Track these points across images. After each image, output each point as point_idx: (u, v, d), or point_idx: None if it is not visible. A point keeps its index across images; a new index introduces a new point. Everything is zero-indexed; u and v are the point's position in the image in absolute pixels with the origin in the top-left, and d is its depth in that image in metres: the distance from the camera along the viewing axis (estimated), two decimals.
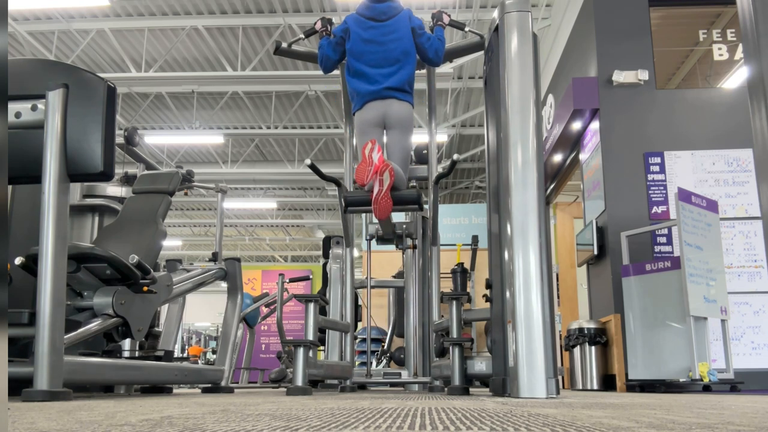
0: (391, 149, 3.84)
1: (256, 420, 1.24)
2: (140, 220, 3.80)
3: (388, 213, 3.44)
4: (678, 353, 4.89)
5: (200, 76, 9.90)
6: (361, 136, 3.85)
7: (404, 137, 3.81)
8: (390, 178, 3.39)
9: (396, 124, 3.80)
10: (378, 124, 3.82)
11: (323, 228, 18.92)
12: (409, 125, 3.84)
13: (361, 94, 3.84)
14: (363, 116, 3.83)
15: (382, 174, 3.38)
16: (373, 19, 3.84)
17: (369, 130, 3.81)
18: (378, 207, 3.40)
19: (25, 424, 1.14)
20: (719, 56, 6.36)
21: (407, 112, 3.83)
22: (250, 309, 7.57)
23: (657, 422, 1.20)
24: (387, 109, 3.79)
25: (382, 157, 3.43)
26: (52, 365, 2.26)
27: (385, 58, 3.82)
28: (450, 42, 4.23)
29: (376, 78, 3.80)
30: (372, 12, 3.86)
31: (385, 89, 3.80)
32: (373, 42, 3.82)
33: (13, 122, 2.46)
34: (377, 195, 3.39)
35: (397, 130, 3.81)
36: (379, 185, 3.38)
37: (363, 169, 3.41)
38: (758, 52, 2.00)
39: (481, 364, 3.38)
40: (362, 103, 3.86)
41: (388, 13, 3.85)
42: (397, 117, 3.79)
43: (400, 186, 3.61)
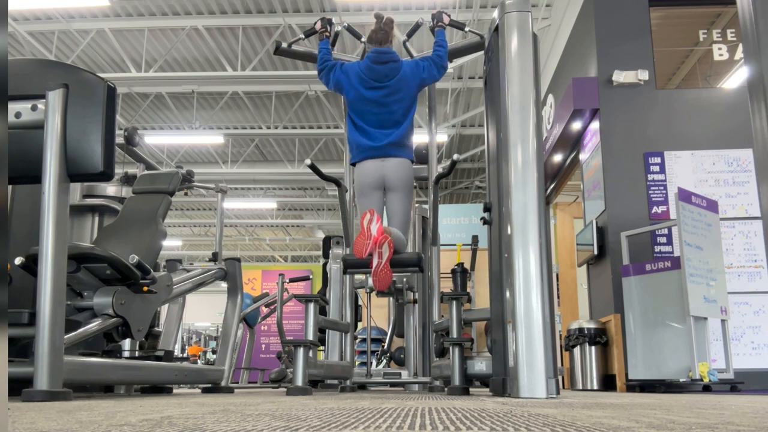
0: (391, 212, 3.82)
1: (256, 420, 1.24)
2: (140, 220, 3.80)
3: (388, 284, 3.45)
4: (678, 353, 4.89)
5: (200, 76, 9.90)
6: (360, 197, 3.83)
7: (404, 199, 3.78)
8: (389, 251, 3.38)
9: (395, 186, 3.76)
10: (377, 186, 3.78)
11: (323, 228, 18.92)
12: (409, 186, 3.81)
13: (361, 148, 3.81)
14: (362, 178, 3.79)
15: (381, 246, 3.37)
16: (375, 80, 3.79)
17: (368, 192, 3.78)
18: (377, 279, 3.40)
19: (25, 424, 1.14)
20: (719, 56, 6.36)
21: (406, 172, 3.79)
22: (250, 309, 7.57)
23: (657, 422, 1.20)
24: (386, 171, 3.74)
25: (381, 228, 3.40)
26: (52, 365, 2.26)
27: (388, 119, 3.79)
28: (450, 42, 4.22)
29: (377, 136, 3.78)
30: (374, 74, 3.79)
31: (386, 146, 3.77)
32: (375, 102, 3.79)
33: (13, 122, 2.46)
34: (377, 267, 3.38)
35: (396, 193, 3.77)
36: (378, 257, 3.37)
37: (361, 242, 3.39)
38: (758, 52, 2.00)
39: (481, 364, 3.38)
40: (361, 158, 3.82)
41: (391, 75, 3.79)
42: (396, 179, 3.76)
43: (399, 249, 3.61)
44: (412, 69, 3.83)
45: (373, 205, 3.77)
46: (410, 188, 3.83)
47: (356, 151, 3.85)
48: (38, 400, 2.19)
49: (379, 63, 3.78)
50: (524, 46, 3.08)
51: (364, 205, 3.79)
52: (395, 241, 3.51)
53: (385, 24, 3.86)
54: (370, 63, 3.79)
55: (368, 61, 3.80)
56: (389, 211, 3.84)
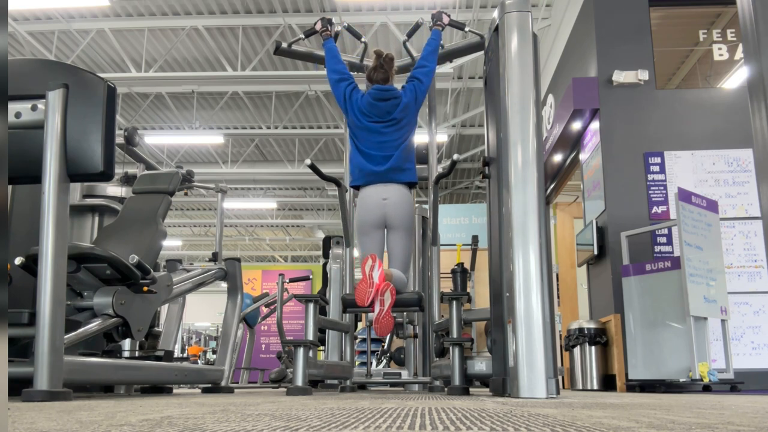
0: (392, 251, 3.80)
1: (256, 420, 1.24)
2: (140, 220, 3.80)
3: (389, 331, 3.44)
4: (678, 353, 4.89)
5: (200, 76, 9.90)
6: (361, 236, 3.80)
7: (406, 238, 3.76)
8: (391, 298, 3.36)
9: (397, 225, 3.74)
10: (379, 226, 3.76)
11: (323, 228, 18.92)
12: (411, 223, 3.79)
13: (363, 172, 3.80)
14: (363, 215, 3.77)
15: (383, 294, 3.36)
16: (377, 116, 3.79)
17: (370, 231, 3.76)
18: (379, 326, 3.38)
19: (25, 424, 1.14)
20: (719, 56, 6.36)
21: (408, 209, 3.77)
22: (250, 309, 7.57)
23: (657, 422, 1.20)
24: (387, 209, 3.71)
25: (383, 274, 3.38)
26: (52, 365, 2.26)
27: (388, 146, 3.79)
28: (450, 42, 4.22)
29: (379, 160, 3.77)
30: (376, 110, 3.79)
31: (388, 171, 3.76)
32: (377, 132, 3.79)
33: (13, 122, 2.46)
34: (378, 315, 3.37)
35: (398, 231, 3.75)
36: (381, 305, 3.36)
37: (363, 289, 3.37)
38: (758, 52, 2.00)
39: (481, 364, 3.38)
40: (363, 182, 3.80)
41: (392, 111, 3.79)
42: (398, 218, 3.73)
43: (401, 289, 3.60)
44: (410, 98, 3.82)
45: (375, 246, 3.74)
46: (412, 226, 3.80)
47: (358, 174, 3.83)
48: (38, 400, 2.19)
49: (380, 100, 3.79)
50: (524, 46, 3.08)
51: (366, 245, 3.75)
52: (397, 284, 3.50)
53: (385, 62, 3.87)
54: (372, 100, 3.79)
55: (370, 98, 3.80)
56: (390, 250, 3.81)
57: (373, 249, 3.73)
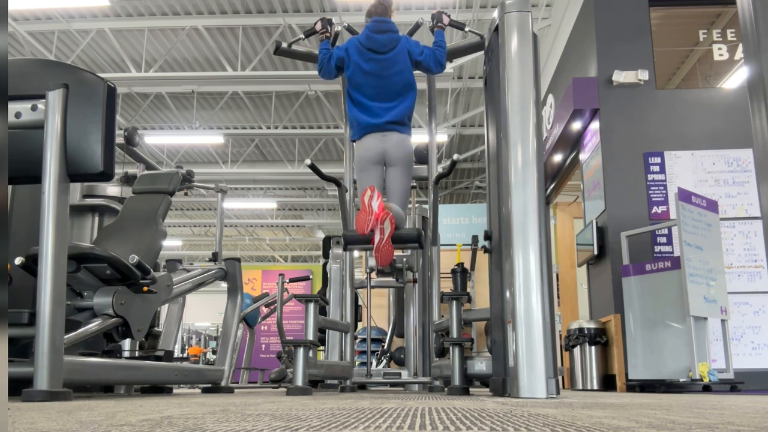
0: (390, 187, 3.83)
1: (256, 420, 1.24)
2: (140, 220, 3.80)
3: (390, 259, 3.46)
4: (678, 353, 4.89)
5: (200, 76, 9.90)
6: (360, 173, 3.84)
7: (404, 175, 3.80)
8: (391, 227, 3.39)
9: (396, 161, 3.79)
10: (378, 162, 3.80)
11: (323, 228, 18.92)
12: (409, 162, 3.83)
13: (361, 126, 3.82)
14: (362, 153, 3.81)
15: (382, 222, 3.38)
16: (373, 51, 3.80)
17: (369, 167, 3.80)
18: (380, 255, 3.41)
19: (25, 424, 1.14)
20: (719, 56, 6.36)
21: (407, 147, 3.82)
22: (250, 309, 7.57)
23: (657, 422, 1.20)
24: (386, 145, 3.77)
25: (382, 204, 3.41)
26: (52, 365, 2.26)
27: (387, 91, 3.80)
28: (450, 42, 4.22)
29: (376, 111, 3.79)
30: (373, 44, 3.80)
31: (387, 123, 3.79)
32: (373, 75, 3.80)
33: (13, 122, 2.46)
34: (379, 243, 3.39)
35: (397, 168, 3.79)
36: (381, 234, 3.38)
37: (363, 218, 3.41)
38: (758, 52, 2.00)
39: (481, 364, 3.38)
40: (361, 135, 3.84)
41: (389, 45, 3.80)
42: (396, 153, 3.78)
43: (399, 224, 3.62)
44: (412, 46, 3.86)
45: (373, 180, 3.79)
46: (410, 164, 3.85)
47: (357, 128, 3.86)
48: (38, 400, 2.19)
49: (378, 32, 3.80)
50: (524, 46, 3.08)
51: (364, 180, 3.80)
52: (396, 217, 3.52)
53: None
54: (370, 33, 3.82)
55: (367, 31, 3.83)
56: (389, 187, 3.86)
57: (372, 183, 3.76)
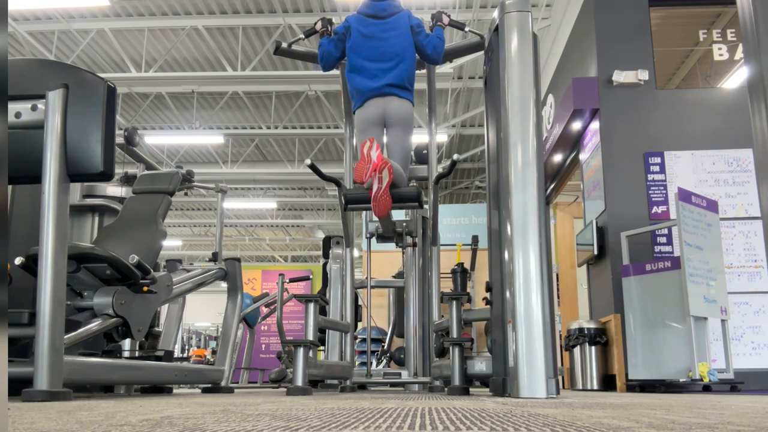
0: (391, 148, 3.84)
1: (256, 420, 1.24)
2: (140, 220, 3.80)
3: (388, 210, 3.45)
4: (678, 353, 4.89)
5: (200, 76, 9.90)
6: (360, 134, 3.85)
7: (404, 136, 3.81)
8: (389, 176, 3.39)
9: (396, 122, 3.79)
10: (378, 122, 3.81)
11: (323, 228, 18.92)
12: (410, 123, 3.84)
13: (361, 92, 3.84)
14: (363, 114, 3.83)
15: (380, 171, 3.38)
16: (373, 17, 3.87)
17: (369, 128, 3.81)
18: (377, 204, 3.40)
19: (25, 424, 1.14)
20: (719, 56, 6.36)
21: (407, 109, 3.83)
22: (250, 309, 7.57)
23: (657, 422, 1.20)
24: (387, 106, 3.80)
25: (381, 154, 3.43)
26: (52, 365, 2.26)
27: (385, 52, 3.83)
28: (450, 42, 4.23)
29: (375, 73, 3.80)
30: (372, 9, 3.88)
31: (386, 86, 3.80)
32: (372, 37, 3.84)
33: (13, 122, 2.46)
34: (376, 192, 3.39)
35: (397, 129, 3.81)
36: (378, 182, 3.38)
37: (362, 167, 3.41)
38: (758, 52, 2.00)
39: (481, 364, 3.38)
40: (362, 101, 3.86)
41: (389, 11, 3.88)
42: (397, 115, 3.79)
43: (399, 183, 3.61)
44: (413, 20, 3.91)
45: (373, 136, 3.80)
46: (410, 125, 3.85)
47: (357, 96, 3.88)
48: (38, 400, 2.19)
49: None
50: (524, 46, 3.08)
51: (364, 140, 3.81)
52: (395, 172, 3.52)
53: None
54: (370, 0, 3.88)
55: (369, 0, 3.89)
56: (389, 147, 3.87)
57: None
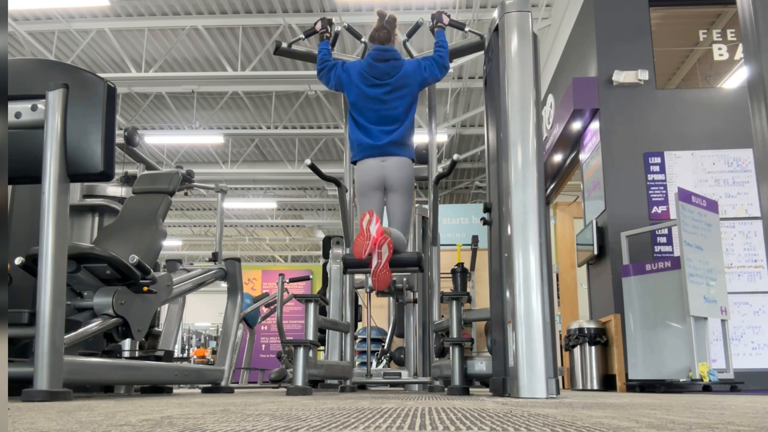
0: (391, 213, 3.80)
1: (256, 420, 1.24)
2: (140, 220, 3.80)
3: (387, 285, 3.44)
4: (678, 353, 4.89)
5: (200, 76, 9.90)
6: (360, 198, 3.81)
7: (405, 200, 3.76)
8: (388, 251, 3.37)
9: (396, 187, 3.74)
10: (378, 187, 3.76)
11: (323, 228, 18.92)
12: (410, 186, 3.79)
13: (362, 147, 3.79)
14: (362, 178, 3.77)
15: (380, 247, 3.36)
16: (376, 78, 3.78)
17: (369, 193, 3.76)
18: (377, 279, 3.38)
19: (25, 424, 1.14)
20: (719, 56, 6.36)
21: (407, 172, 3.77)
22: (250, 309, 7.57)
23: (657, 422, 1.20)
24: (386, 171, 3.72)
25: (381, 228, 3.38)
26: (52, 365, 2.26)
27: (388, 116, 3.77)
28: (450, 42, 4.23)
29: (377, 134, 3.76)
30: (376, 72, 3.78)
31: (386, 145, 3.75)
32: (375, 100, 3.77)
33: (13, 122, 2.46)
34: (376, 268, 3.37)
35: (397, 193, 3.75)
36: (378, 258, 3.36)
37: (361, 242, 3.38)
38: (758, 52, 2.00)
39: (481, 364, 3.38)
40: (361, 156, 3.80)
41: (392, 73, 3.77)
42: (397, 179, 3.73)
43: (400, 249, 3.60)
44: (414, 68, 3.81)
45: (373, 205, 3.75)
46: (411, 188, 3.82)
47: (357, 149, 3.83)
48: (38, 400, 2.19)
49: (380, 60, 3.77)
50: (524, 46, 3.08)
51: (364, 205, 3.77)
52: (395, 242, 3.50)
53: (387, 22, 3.85)
54: (372, 61, 3.78)
55: (370, 59, 3.79)
56: (390, 212, 3.83)
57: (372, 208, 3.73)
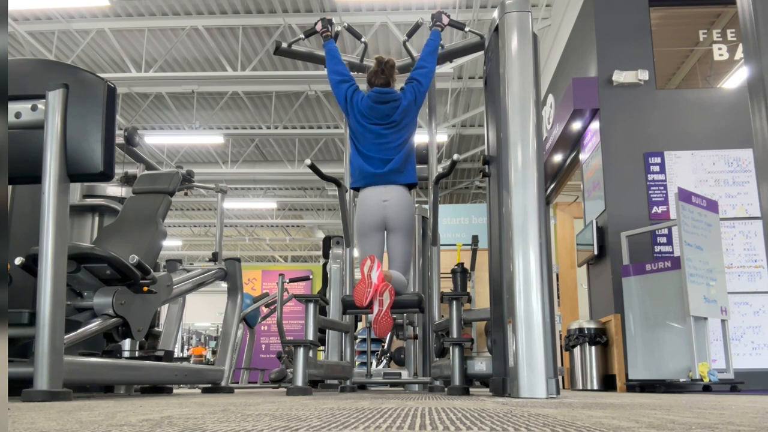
0: (392, 253, 3.77)
1: (256, 420, 1.24)
2: (140, 220, 3.80)
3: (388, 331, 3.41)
4: (678, 353, 4.89)
5: (200, 76, 9.90)
6: (361, 238, 3.78)
7: (406, 240, 3.74)
8: (390, 298, 3.34)
9: (397, 227, 3.72)
10: (378, 228, 3.73)
11: (323, 228, 18.91)
12: (411, 226, 3.77)
13: (363, 174, 3.78)
14: (363, 218, 3.75)
15: (381, 294, 3.34)
16: (377, 119, 3.79)
17: (369, 233, 3.74)
18: (378, 327, 3.35)
19: (25, 424, 1.14)
20: (719, 56, 6.36)
21: (408, 211, 3.75)
22: (250, 309, 7.57)
23: (657, 422, 1.20)
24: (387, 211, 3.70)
25: (382, 275, 3.36)
26: (52, 365, 2.26)
27: (388, 148, 3.78)
28: (450, 42, 4.23)
29: (378, 163, 3.76)
30: (376, 113, 3.79)
31: (388, 173, 3.75)
32: (377, 134, 3.78)
33: (13, 122, 2.46)
34: (377, 315, 3.34)
35: (398, 233, 3.73)
36: (379, 305, 3.34)
37: (362, 290, 3.35)
38: (758, 52, 2.00)
39: (481, 364, 3.38)
40: (363, 184, 3.79)
41: (392, 113, 3.78)
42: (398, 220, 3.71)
43: (401, 290, 3.58)
44: (409, 101, 3.82)
45: (374, 248, 3.72)
46: (412, 228, 3.79)
47: (358, 176, 3.81)
48: (38, 400, 2.19)
49: (380, 103, 3.79)
50: (524, 46, 3.08)
51: (365, 246, 3.73)
52: (396, 285, 3.49)
53: (386, 67, 3.85)
54: (372, 103, 3.79)
55: (370, 101, 3.79)
56: (390, 252, 3.79)
57: (373, 250, 3.71)
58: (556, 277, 8.90)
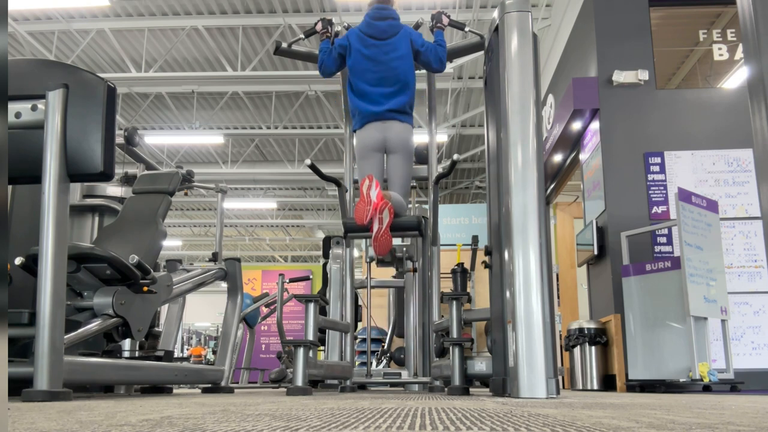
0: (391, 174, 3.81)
1: (256, 420, 1.24)
2: (140, 220, 3.80)
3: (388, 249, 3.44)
4: (678, 353, 4.89)
5: (200, 76, 9.90)
6: (360, 161, 3.82)
7: (405, 162, 3.78)
8: (389, 216, 3.36)
9: (397, 148, 3.76)
10: (378, 149, 3.78)
11: (323, 228, 18.92)
12: (410, 149, 3.82)
13: (363, 114, 3.80)
14: (363, 141, 3.79)
15: (381, 212, 3.36)
16: (374, 38, 3.79)
17: (369, 155, 3.78)
18: (378, 244, 3.38)
19: (25, 424, 1.14)
20: (719, 56, 6.36)
21: (407, 135, 3.80)
22: (250, 309, 7.57)
23: (657, 422, 1.20)
24: (387, 133, 3.75)
25: (381, 193, 3.39)
26: (52, 365, 2.26)
27: (386, 77, 3.78)
28: (450, 42, 4.23)
29: (377, 99, 3.77)
30: (373, 30, 3.80)
31: (387, 111, 3.76)
32: (374, 60, 3.78)
33: (13, 122, 2.46)
34: (377, 233, 3.37)
35: (397, 155, 3.78)
36: (379, 223, 3.36)
37: (362, 208, 3.38)
38: (758, 52, 2.00)
39: (481, 364, 3.38)
40: (362, 123, 3.82)
41: (389, 32, 3.79)
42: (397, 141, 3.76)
43: (400, 212, 3.59)
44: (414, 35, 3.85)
45: (373, 168, 3.77)
46: (411, 151, 3.84)
47: (358, 117, 3.84)
48: (38, 400, 2.19)
49: (378, 19, 3.79)
50: (524, 46, 3.08)
51: (364, 168, 3.78)
52: (395, 206, 3.50)
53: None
54: (370, 20, 3.81)
55: (368, 18, 3.82)
56: (389, 174, 3.84)
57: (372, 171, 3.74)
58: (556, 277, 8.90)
